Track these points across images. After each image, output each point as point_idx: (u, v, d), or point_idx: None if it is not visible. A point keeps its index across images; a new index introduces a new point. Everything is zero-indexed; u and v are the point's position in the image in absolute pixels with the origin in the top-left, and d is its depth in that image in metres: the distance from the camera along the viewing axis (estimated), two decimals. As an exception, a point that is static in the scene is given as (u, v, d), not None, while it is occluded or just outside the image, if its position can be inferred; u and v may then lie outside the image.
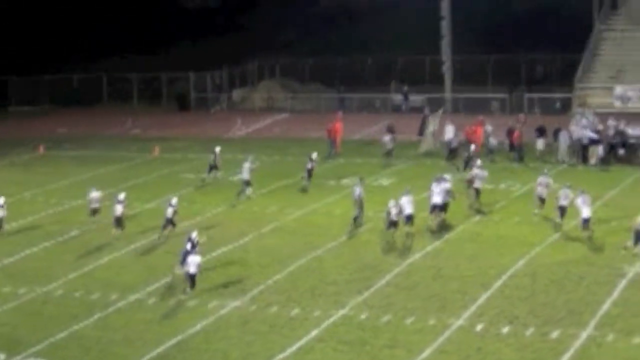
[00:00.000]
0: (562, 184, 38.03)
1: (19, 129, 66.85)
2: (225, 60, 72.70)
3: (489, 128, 50.81)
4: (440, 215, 37.66)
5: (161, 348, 27.20)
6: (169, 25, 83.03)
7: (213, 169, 46.61)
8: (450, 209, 38.18)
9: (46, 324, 29.36)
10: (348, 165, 50.04)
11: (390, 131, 52.19)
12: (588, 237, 35.34)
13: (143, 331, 28.56)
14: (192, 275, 30.93)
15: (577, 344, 26.36)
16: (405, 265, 33.46)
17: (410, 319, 28.48)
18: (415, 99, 66.74)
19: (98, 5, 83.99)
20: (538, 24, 73.55)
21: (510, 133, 50.48)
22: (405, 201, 36.27)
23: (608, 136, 49.37)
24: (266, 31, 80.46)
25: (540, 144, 50.17)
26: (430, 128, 53.23)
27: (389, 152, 50.48)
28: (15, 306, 31.15)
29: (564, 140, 49.37)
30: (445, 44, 66.27)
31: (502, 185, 43.98)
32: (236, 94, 73.87)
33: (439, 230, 37.18)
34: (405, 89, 68.14)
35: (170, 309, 30.18)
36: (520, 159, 49.39)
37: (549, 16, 73.91)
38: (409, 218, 36.23)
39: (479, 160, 43.13)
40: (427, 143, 52.92)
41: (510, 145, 50.31)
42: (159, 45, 79.42)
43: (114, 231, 37.68)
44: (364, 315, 29.00)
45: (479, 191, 40.37)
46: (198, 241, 32.22)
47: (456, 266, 33.20)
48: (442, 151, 51.14)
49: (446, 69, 66.67)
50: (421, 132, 54.10)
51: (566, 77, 64.83)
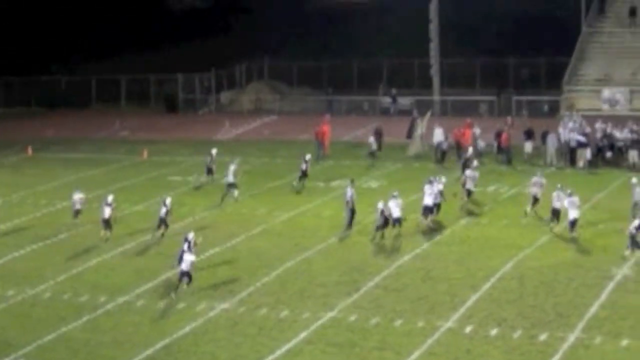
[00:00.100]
0: (555, 186, 38.06)
1: (7, 130, 66.55)
2: (213, 62, 72.60)
3: (478, 130, 50.93)
4: (430, 216, 37.79)
5: (150, 350, 27.16)
6: (157, 27, 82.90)
7: (210, 171, 46.43)
8: (439, 210, 38.34)
9: (35, 326, 29.29)
10: (337, 167, 50.08)
11: (378, 134, 52.42)
12: (572, 238, 35.51)
13: (132, 333, 28.52)
14: (187, 272, 30.96)
15: (565, 346, 26.41)
16: (394, 267, 33.49)
17: (399, 321, 28.51)
18: (404, 101, 66.85)
19: (87, 7, 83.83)
20: (526, 27, 73.72)
21: (498, 135, 50.57)
22: (392, 204, 36.38)
23: (596, 139, 49.48)
24: (254, 33, 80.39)
25: (529, 146, 50.27)
26: (419, 131, 53.32)
27: (373, 153, 50.79)
28: (4, 308, 31.08)
29: (552, 143, 49.44)
30: (434, 47, 66.36)
31: (491, 188, 44.03)
32: (224, 96, 73.78)
33: (431, 231, 37.28)
34: (393, 91, 68.22)
35: (159, 312, 30.14)
36: (508, 162, 49.47)
37: (537, 19, 74.08)
38: (397, 221, 36.35)
39: (475, 162, 43.28)
40: (416, 146, 53.00)
41: (498, 147, 50.40)
42: (147, 47, 79.23)
43: (103, 233, 37.66)
44: (353, 317, 29.01)
45: (471, 192, 40.61)
46: (195, 242, 32.21)
47: (445, 268, 33.27)
48: (431, 154, 51.26)
49: (434, 72, 66.74)
50: (410, 135, 54.16)
51: (554, 80, 65.03)
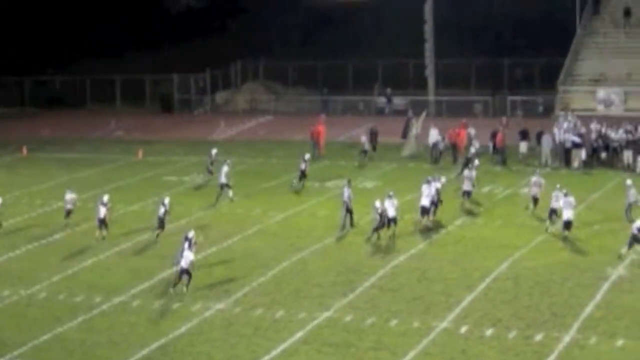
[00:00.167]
0: (554, 186, 38.08)
1: (1, 130, 66.41)
2: (208, 63, 72.63)
3: (472, 131, 50.96)
4: (427, 217, 37.85)
5: (145, 350, 27.15)
6: (152, 27, 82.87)
7: (211, 171, 46.39)
8: (437, 209, 38.44)
9: (30, 326, 29.26)
10: (332, 167, 50.10)
11: (373, 134, 52.49)
12: (565, 238, 35.56)
13: (127, 334, 28.51)
14: (186, 270, 31.00)
15: (560, 346, 26.44)
16: (390, 268, 33.51)
17: (394, 321, 28.53)
18: (399, 102, 66.90)
19: (82, 8, 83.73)
20: (521, 27, 73.82)
21: (494, 136, 50.59)
22: (388, 204, 36.43)
23: (591, 139, 49.53)
24: (250, 34, 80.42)
25: (523, 147, 50.32)
26: (414, 131, 53.39)
27: (365, 152, 50.93)
28: (-1, 308, 31.13)
29: (546, 143, 49.48)
30: (429, 47, 66.39)
31: (485, 189, 44.04)
32: (219, 96, 73.77)
33: (426, 231, 37.33)
34: (388, 91, 68.27)
35: (154, 312, 30.12)
36: (503, 162, 49.52)
37: (532, 19, 74.15)
38: (392, 221, 36.38)
39: (477, 161, 43.37)
40: (411, 146, 53.06)
41: (493, 148, 50.43)
42: (142, 47, 79.27)
43: (98, 233, 37.65)
44: (348, 318, 29.03)
45: (469, 193, 40.76)
46: (195, 241, 32.21)
47: (440, 268, 33.29)
48: (425, 154, 51.29)
49: (429, 72, 66.76)
50: (405, 135, 54.22)
51: (549, 81, 65.09)
